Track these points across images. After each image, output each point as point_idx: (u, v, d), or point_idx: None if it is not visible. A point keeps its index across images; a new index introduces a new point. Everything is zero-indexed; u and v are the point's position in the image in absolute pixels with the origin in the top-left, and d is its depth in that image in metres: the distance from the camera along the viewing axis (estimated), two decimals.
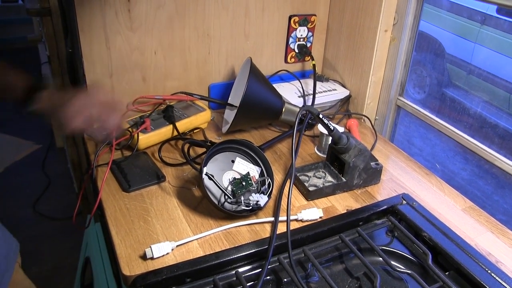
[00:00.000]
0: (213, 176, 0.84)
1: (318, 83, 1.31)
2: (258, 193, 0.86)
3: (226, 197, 0.84)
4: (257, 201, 0.83)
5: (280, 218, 0.83)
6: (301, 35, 1.34)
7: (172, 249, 0.75)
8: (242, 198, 0.84)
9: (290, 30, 1.31)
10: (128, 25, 1.08)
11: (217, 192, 0.85)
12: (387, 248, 0.83)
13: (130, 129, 1.03)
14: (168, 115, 1.10)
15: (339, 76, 1.36)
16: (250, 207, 0.84)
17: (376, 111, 1.30)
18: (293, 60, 1.37)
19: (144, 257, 0.73)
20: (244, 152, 0.91)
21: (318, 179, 0.96)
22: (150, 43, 1.13)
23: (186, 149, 1.01)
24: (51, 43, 1.63)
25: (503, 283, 0.72)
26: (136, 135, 1.01)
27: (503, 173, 1.01)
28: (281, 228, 0.81)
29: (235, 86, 1.20)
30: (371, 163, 0.94)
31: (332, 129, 0.87)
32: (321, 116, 0.84)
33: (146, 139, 1.04)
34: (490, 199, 1.57)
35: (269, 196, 0.86)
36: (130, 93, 1.15)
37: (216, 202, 0.83)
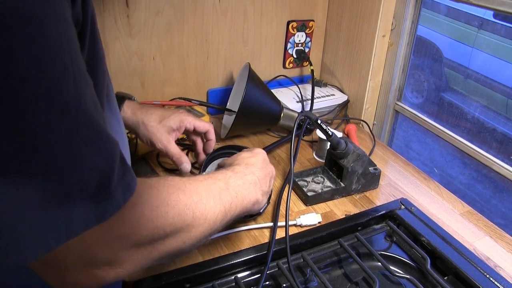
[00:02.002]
0: None
1: (316, 88, 1.31)
2: None
3: None
4: None
5: (279, 224, 0.83)
6: (299, 40, 1.34)
7: None
8: None
9: (288, 35, 1.32)
10: (127, 31, 1.08)
11: None
12: (385, 253, 0.83)
13: (129, 134, 1.03)
14: None
15: (337, 81, 1.36)
16: None
17: (374, 116, 1.31)
18: (291, 65, 1.37)
19: None
20: None
21: (317, 184, 0.97)
22: (148, 48, 1.13)
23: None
24: None
25: (502, 287, 0.72)
26: (135, 140, 1.01)
27: (501, 177, 1.01)
28: (280, 234, 0.81)
29: (233, 91, 1.21)
30: (370, 168, 0.94)
31: (330, 134, 0.87)
32: (319, 121, 0.85)
33: (145, 144, 1.04)
34: (488, 203, 1.58)
35: (268, 202, 0.86)
36: None
37: None
